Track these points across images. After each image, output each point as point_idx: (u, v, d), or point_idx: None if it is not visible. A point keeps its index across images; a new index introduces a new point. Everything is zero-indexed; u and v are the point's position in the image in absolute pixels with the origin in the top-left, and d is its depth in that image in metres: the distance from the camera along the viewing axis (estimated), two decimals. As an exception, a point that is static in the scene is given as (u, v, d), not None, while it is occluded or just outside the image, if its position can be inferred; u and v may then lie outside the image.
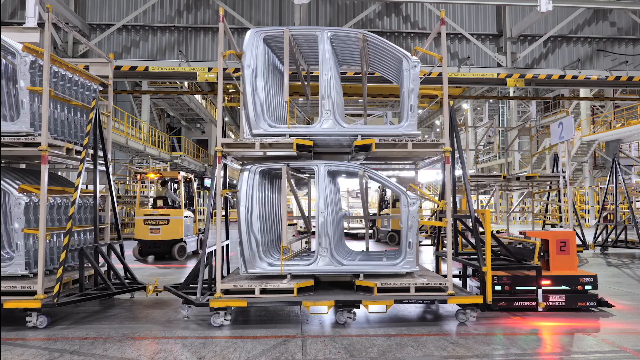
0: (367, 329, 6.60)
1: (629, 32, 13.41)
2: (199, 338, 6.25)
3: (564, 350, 5.67)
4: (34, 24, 9.96)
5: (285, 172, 7.20)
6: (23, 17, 10.38)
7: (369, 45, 7.67)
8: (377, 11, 12.94)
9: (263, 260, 7.25)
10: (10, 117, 8.28)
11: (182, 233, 14.64)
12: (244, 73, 7.31)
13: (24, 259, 7.12)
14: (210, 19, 12.79)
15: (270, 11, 12.85)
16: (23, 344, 5.97)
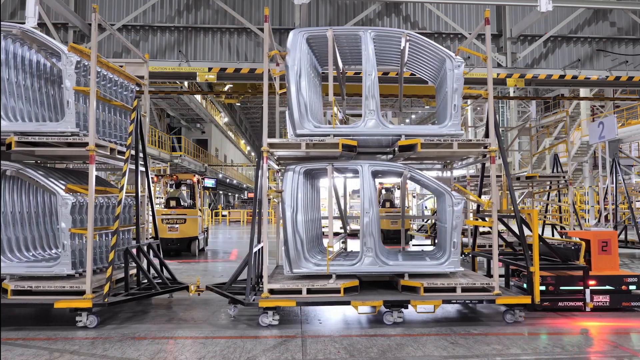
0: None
1: (629, 32, 13.10)
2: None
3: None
4: (34, 24, 9.70)
5: (330, 171, 6.95)
6: (23, 17, 10.10)
7: (411, 44, 7.40)
8: (377, 11, 12.66)
9: (308, 260, 7.01)
10: (49, 117, 8.06)
11: (197, 231, 15.25)
12: (288, 73, 7.07)
13: (70, 258, 6.83)
14: (210, 19, 12.48)
15: (270, 11, 12.54)
16: (23, 344, 5.81)
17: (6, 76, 7.19)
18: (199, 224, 15.39)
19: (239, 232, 28.56)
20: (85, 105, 7.40)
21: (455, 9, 12.72)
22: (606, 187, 15.54)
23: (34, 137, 6.82)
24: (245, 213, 42.75)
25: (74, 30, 12.09)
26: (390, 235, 20.03)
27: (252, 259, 6.95)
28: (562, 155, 25.51)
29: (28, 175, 7.05)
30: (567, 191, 14.30)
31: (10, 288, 6.63)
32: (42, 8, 10.82)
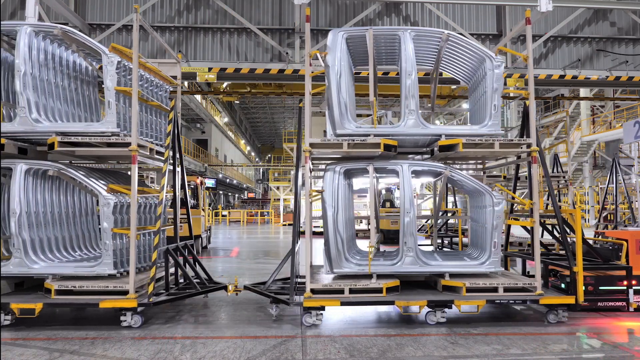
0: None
1: (629, 32, 12.93)
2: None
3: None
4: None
5: (372, 171, 6.77)
6: (23, 17, 9.96)
7: (450, 44, 7.24)
8: (377, 11, 12.52)
9: (349, 260, 6.84)
10: (84, 117, 7.88)
11: (200, 230, 15.86)
12: (329, 73, 6.94)
13: (112, 258, 6.65)
14: (210, 19, 12.34)
15: (270, 11, 12.42)
16: (23, 343, 5.71)
17: (45, 76, 7.03)
18: (202, 223, 15.98)
19: (239, 232, 28.46)
20: (125, 105, 7.21)
21: (455, 9, 12.56)
22: (606, 187, 15.39)
23: (77, 138, 6.64)
24: (245, 213, 42.53)
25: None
26: (390, 235, 19.56)
27: (293, 259, 6.75)
28: (562, 155, 25.32)
29: (69, 175, 6.88)
30: (567, 191, 14.13)
31: (54, 288, 6.48)
32: (42, 8, 10.65)
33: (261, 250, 16.87)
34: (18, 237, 6.65)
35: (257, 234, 26.05)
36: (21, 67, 6.72)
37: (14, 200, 6.69)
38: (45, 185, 7.20)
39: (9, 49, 7.41)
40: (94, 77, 8.34)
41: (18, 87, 6.70)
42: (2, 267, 6.73)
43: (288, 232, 28.14)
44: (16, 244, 6.66)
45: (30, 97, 6.75)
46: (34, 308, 6.24)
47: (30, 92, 6.75)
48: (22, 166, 6.81)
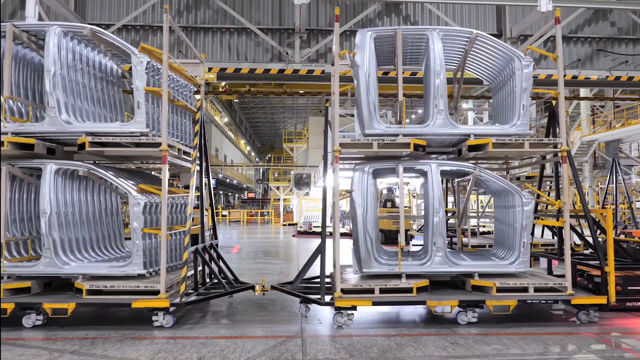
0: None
1: (629, 32, 12.81)
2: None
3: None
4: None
5: (401, 171, 6.68)
6: (23, 17, 9.87)
7: (477, 44, 7.16)
8: (377, 11, 12.41)
9: (378, 260, 6.72)
10: (110, 117, 7.79)
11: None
12: (358, 73, 6.86)
13: (142, 258, 6.55)
14: (210, 19, 12.20)
15: (270, 11, 12.31)
16: (23, 344, 5.66)
17: (73, 77, 6.94)
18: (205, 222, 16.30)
19: (239, 231, 28.29)
20: (153, 105, 7.10)
21: (455, 9, 12.46)
22: (606, 187, 15.28)
23: (108, 138, 6.52)
24: (245, 213, 42.38)
25: None
26: (392, 236, 19.13)
27: (323, 258, 6.65)
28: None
29: (98, 175, 6.79)
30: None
31: (85, 288, 6.40)
32: (42, 8, 10.53)
33: (261, 250, 16.82)
34: (48, 237, 6.56)
35: (257, 234, 25.94)
36: (51, 67, 6.64)
37: (44, 200, 6.60)
38: (73, 185, 7.10)
39: (36, 49, 7.30)
40: (118, 77, 8.26)
41: (48, 88, 6.62)
42: (33, 267, 6.65)
43: (288, 232, 27.99)
44: (46, 244, 6.57)
45: (60, 98, 6.67)
46: (67, 308, 6.15)
47: (60, 92, 6.67)
48: (51, 166, 6.73)
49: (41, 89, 7.68)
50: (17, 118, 6.88)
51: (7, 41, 6.68)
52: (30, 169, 7.09)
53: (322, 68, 12.05)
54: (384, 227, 18.91)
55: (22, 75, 7.25)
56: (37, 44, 7.25)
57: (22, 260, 6.89)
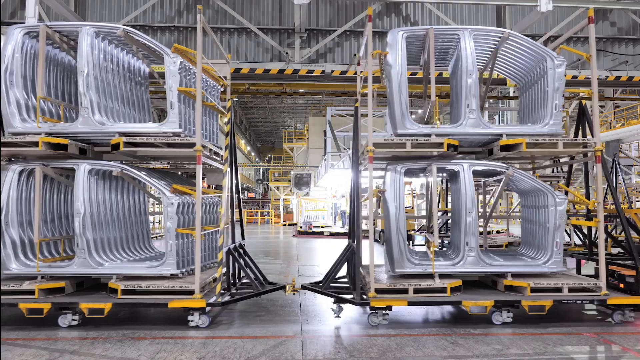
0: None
1: (629, 32, 12.72)
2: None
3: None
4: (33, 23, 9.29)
5: (434, 171, 6.61)
6: (23, 17, 9.80)
7: (508, 43, 7.10)
8: (377, 11, 12.36)
9: (410, 260, 6.65)
10: (139, 117, 7.73)
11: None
12: (390, 73, 6.78)
13: (175, 258, 6.48)
14: (211, 18, 12.18)
15: (270, 11, 12.27)
16: (23, 344, 5.61)
17: (105, 77, 6.84)
18: None
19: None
20: (184, 105, 7.03)
21: (455, 9, 12.39)
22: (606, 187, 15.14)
23: (142, 138, 6.46)
24: (245, 213, 42.25)
25: None
26: None
27: (357, 258, 6.57)
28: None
29: (131, 175, 6.71)
30: None
31: (120, 288, 6.33)
32: (42, 8, 10.47)
33: (261, 250, 16.76)
34: (82, 237, 6.51)
35: (257, 234, 25.85)
36: (84, 67, 6.58)
37: (78, 200, 6.55)
38: (104, 185, 7.03)
39: (67, 49, 7.23)
40: (145, 77, 8.20)
41: (81, 88, 6.57)
42: (67, 267, 6.59)
43: (288, 232, 27.87)
44: (80, 244, 6.51)
45: (93, 98, 6.62)
46: (103, 308, 6.10)
47: (93, 92, 6.62)
48: (85, 166, 6.67)
49: (70, 89, 7.62)
50: (49, 118, 6.81)
51: (41, 42, 6.62)
52: (61, 169, 7.01)
53: (322, 68, 12.01)
54: (383, 227, 18.66)
55: (52, 76, 7.19)
56: (67, 44, 7.18)
57: (55, 260, 6.82)
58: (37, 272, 6.52)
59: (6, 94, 6.56)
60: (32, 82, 6.89)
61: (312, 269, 11.84)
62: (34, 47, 6.95)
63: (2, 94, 6.56)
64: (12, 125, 6.58)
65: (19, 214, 6.67)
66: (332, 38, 12.03)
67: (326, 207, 29.94)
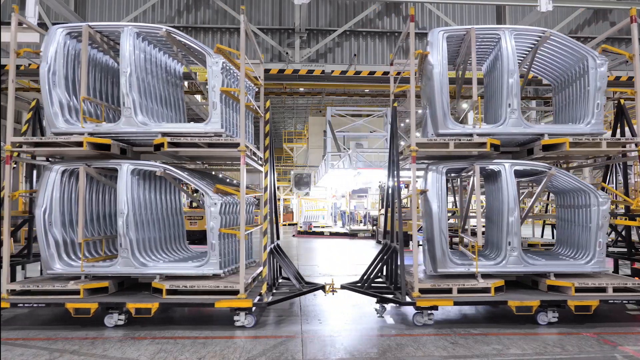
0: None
1: (629, 32, 12.53)
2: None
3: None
4: (34, 23, 9.22)
5: (478, 171, 6.55)
6: (23, 17, 9.58)
7: (549, 43, 7.03)
8: (377, 11, 12.28)
9: (452, 260, 6.58)
10: (175, 118, 7.69)
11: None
12: (432, 72, 6.71)
13: (218, 258, 6.43)
14: (210, 19, 12.11)
15: (270, 11, 12.20)
16: (23, 344, 5.58)
17: (145, 77, 6.80)
18: None
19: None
20: (224, 105, 6.98)
21: (455, 9, 12.29)
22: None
23: (186, 138, 6.43)
24: None
25: None
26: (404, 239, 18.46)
27: (402, 258, 6.50)
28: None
29: (173, 175, 6.67)
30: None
31: (165, 288, 6.30)
32: (42, 8, 10.42)
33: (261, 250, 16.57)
34: (125, 237, 6.47)
35: (257, 234, 25.56)
36: (127, 68, 6.56)
37: (121, 200, 6.52)
38: (145, 185, 7.00)
39: (107, 49, 7.20)
40: (179, 77, 8.18)
41: (124, 89, 6.54)
42: (110, 267, 6.55)
43: (288, 232, 27.66)
44: (123, 244, 6.48)
45: (135, 98, 6.58)
46: (150, 308, 6.06)
47: (135, 93, 6.58)
48: (128, 166, 6.63)
49: (107, 89, 7.60)
50: (91, 118, 6.78)
51: (84, 42, 6.60)
52: (101, 169, 6.98)
53: (322, 68, 11.94)
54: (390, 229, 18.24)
55: (91, 76, 7.15)
56: (107, 44, 7.15)
57: (97, 260, 6.79)
58: (81, 272, 6.49)
59: (49, 94, 6.54)
60: (72, 82, 6.87)
61: (312, 269, 11.83)
62: (75, 47, 6.93)
63: (45, 94, 6.54)
64: (55, 126, 6.55)
65: (62, 214, 6.65)
66: (332, 38, 11.95)
67: (326, 207, 29.88)
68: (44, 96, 6.55)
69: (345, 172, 20.64)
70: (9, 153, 6.45)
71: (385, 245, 7.50)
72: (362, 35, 12.18)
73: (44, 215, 6.48)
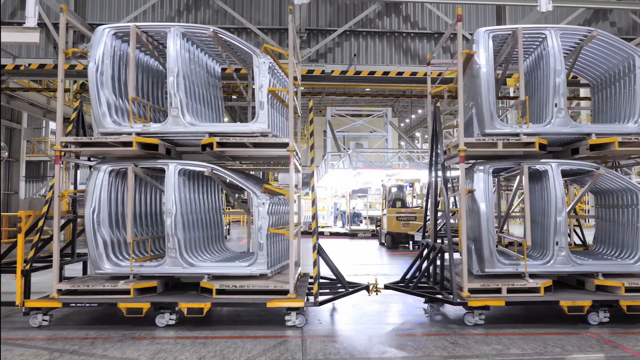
0: None
1: (629, 32, 12.43)
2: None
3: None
4: (34, 24, 9.28)
5: (526, 171, 6.50)
6: (23, 17, 9.64)
7: (594, 42, 6.97)
8: (377, 11, 12.17)
9: (499, 259, 6.52)
10: (214, 117, 7.66)
11: None
12: (479, 72, 6.66)
13: (266, 258, 6.39)
14: (210, 19, 11.98)
15: (270, 11, 12.09)
16: (23, 344, 5.56)
17: (189, 77, 6.75)
18: None
19: (239, 231, 27.77)
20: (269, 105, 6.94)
21: (455, 9, 12.14)
22: None
23: (235, 138, 6.40)
24: None
25: (74, 30, 11.53)
26: (401, 239, 17.19)
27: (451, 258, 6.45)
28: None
29: (220, 175, 6.64)
30: (567, 191, 13.64)
31: (215, 287, 6.27)
32: (42, 8, 10.37)
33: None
34: (174, 237, 6.45)
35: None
36: (174, 67, 6.53)
37: (169, 200, 6.50)
38: (190, 185, 6.97)
39: (152, 50, 7.17)
40: (218, 77, 8.15)
41: (171, 89, 6.53)
42: (158, 266, 6.53)
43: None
44: (171, 244, 6.45)
45: (182, 98, 6.54)
46: (202, 307, 6.05)
47: (182, 93, 6.55)
48: (175, 166, 6.60)
49: (149, 89, 7.57)
50: (138, 118, 6.75)
51: (132, 42, 6.58)
52: (147, 169, 6.95)
53: (322, 68, 11.88)
54: (392, 230, 17.32)
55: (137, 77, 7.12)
56: (152, 44, 7.13)
57: (144, 260, 6.76)
58: (130, 272, 6.46)
59: (97, 94, 6.51)
60: (118, 82, 6.85)
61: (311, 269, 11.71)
62: (120, 48, 6.91)
63: (93, 94, 6.51)
64: (103, 126, 6.53)
65: (109, 214, 6.62)
66: (332, 38, 11.88)
67: (326, 207, 29.83)
68: (92, 96, 6.52)
69: (345, 172, 20.53)
70: (59, 153, 6.43)
71: (426, 245, 7.44)
72: (362, 35, 12.11)
73: (92, 215, 6.46)
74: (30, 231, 6.64)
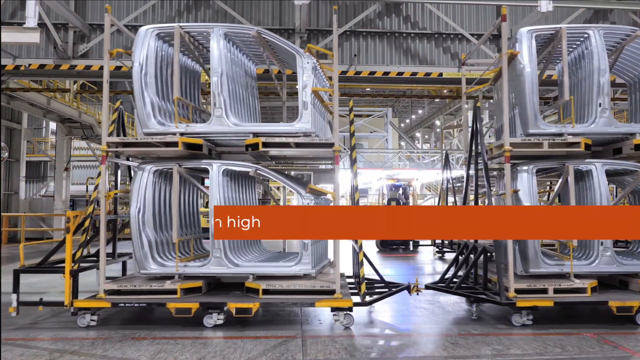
0: None
1: None
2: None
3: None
4: (34, 24, 9.30)
5: (572, 171, 6.45)
6: (23, 17, 9.67)
7: (637, 41, 6.88)
8: (377, 11, 12.11)
9: (544, 260, 6.47)
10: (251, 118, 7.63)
11: None
12: (522, 72, 6.61)
13: (310, 258, 6.37)
14: (210, 19, 11.92)
15: (270, 11, 12.05)
16: (24, 344, 5.52)
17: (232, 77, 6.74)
18: None
19: None
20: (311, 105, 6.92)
21: (455, 9, 12.14)
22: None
23: (281, 138, 6.38)
24: None
25: (74, 30, 11.53)
26: (395, 242, 16.51)
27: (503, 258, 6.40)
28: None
29: (263, 175, 6.63)
30: None
31: (262, 288, 6.23)
32: (42, 8, 10.35)
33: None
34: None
35: None
36: (218, 68, 6.51)
37: (214, 199, 6.46)
38: (231, 184, 6.95)
39: (192, 50, 7.15)
40: (254, 77, 8.13)
41: (215, 89, 6.53)
42: (203, 267, 6.50)
43: None
44: (216, 244, 6.43)
45: (226, 98, 6.52)
46: (251, 307, 6.02)
47: (225, 93, 6.52)
48: (219, 166, 6.58)
49: (187, 89, 7.56)
50: (183, 119, 6.74)
51: (176, 42, 6.58)
52: (190, 169, 6.93)
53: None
54: None
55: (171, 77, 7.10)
56: (193, 45, 7.11)
57: (188, 260, 6.75)
58: (176, 272, 6.45)
59: (141, 95, 6.50)
60: (161, 82, 6.83)
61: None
62: (161, 48, 6.89)
63: (138, 95, 6.51)
64: (147, 126, 6.52)
65: (153, 214, 6.60)
66: (332, 38, 11.76)
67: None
68: (136, 97, 6.52)
69: (345, 172, 20.36)
70: (105, 153, 6.42)
71: (466, 245, 7.40)
72: (362, 35, 12.06)
73: (138, 215, 6.45)
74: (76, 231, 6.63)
